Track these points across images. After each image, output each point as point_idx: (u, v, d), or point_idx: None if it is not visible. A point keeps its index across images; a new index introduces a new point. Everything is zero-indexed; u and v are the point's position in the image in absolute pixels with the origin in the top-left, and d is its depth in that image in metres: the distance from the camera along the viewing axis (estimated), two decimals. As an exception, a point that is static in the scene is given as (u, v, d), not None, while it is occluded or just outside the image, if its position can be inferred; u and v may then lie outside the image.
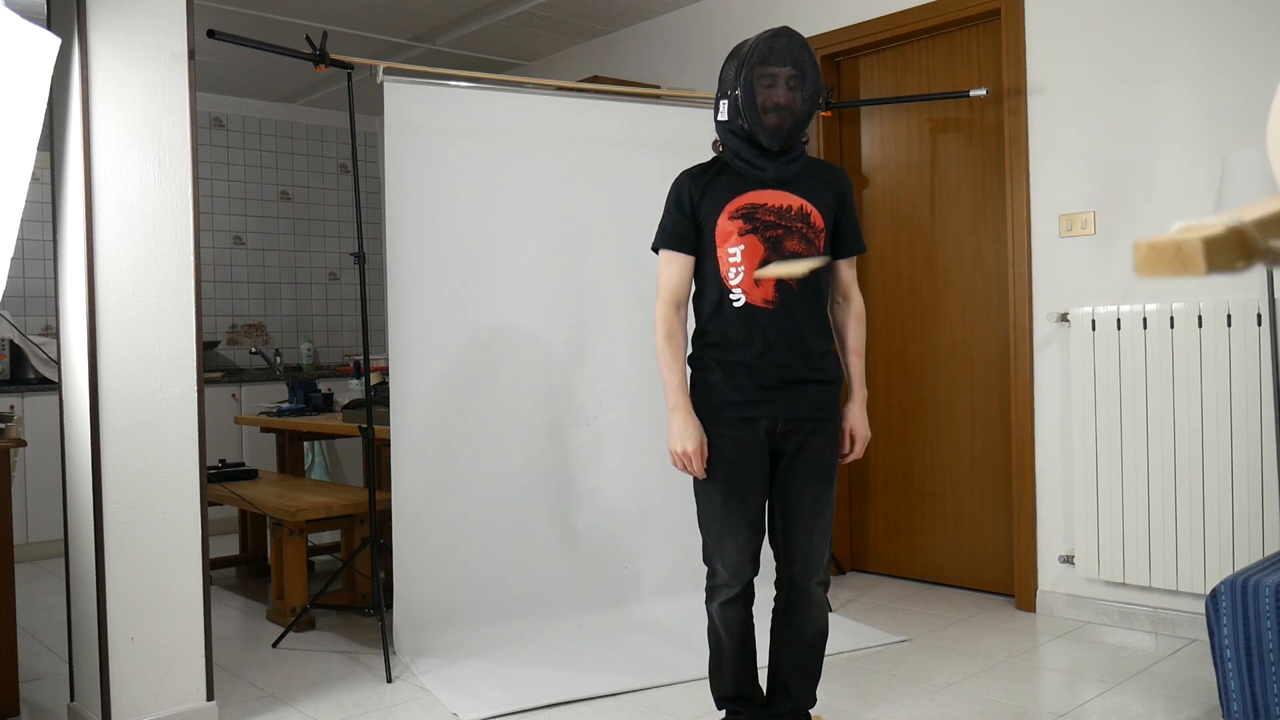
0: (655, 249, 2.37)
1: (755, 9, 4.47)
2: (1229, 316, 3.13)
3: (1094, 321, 3.42)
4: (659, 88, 4.60)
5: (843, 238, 2.39)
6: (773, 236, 2.24)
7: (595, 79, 4.74)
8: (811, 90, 2.23)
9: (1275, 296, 2.98)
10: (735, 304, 2.25)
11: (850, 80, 4.31)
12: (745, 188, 2.27)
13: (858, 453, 2.40)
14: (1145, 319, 3.31)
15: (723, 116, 2.27)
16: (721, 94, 2.27)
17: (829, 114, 4.17)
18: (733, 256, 2.25)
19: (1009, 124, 3.69)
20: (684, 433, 2.25)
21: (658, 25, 4.91)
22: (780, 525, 2.33)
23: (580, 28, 5.10)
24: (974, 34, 3.91)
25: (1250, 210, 0.77)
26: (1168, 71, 3.31)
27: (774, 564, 2.38)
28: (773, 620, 2.40)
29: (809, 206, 2.28)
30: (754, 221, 2.25)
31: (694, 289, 2.37)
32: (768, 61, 2.19)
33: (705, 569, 2.37)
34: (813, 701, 2.43)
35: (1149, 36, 3.35)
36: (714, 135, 2.34)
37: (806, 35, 4.26)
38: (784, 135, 2.22)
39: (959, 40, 3.96)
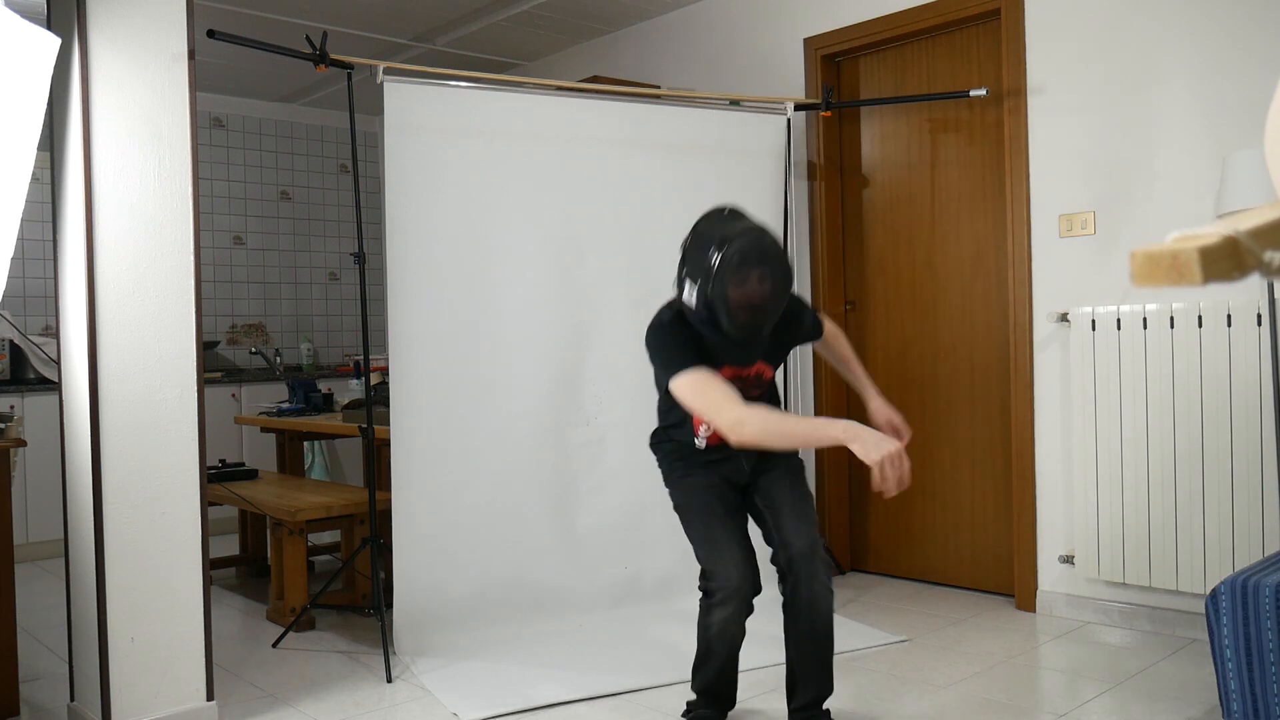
0: (675, 374, 2.29)
1: (755, 9, 4.47)
2: (1229, 316, 3.14)
3: (1094, 321, 3.42)
4: (659, 88, 4.60)
5: (802, 335, 2.59)
6: (739, 391, 2.40)
7: (595, 79, 4.74)
8: (783, 287, 2.25)
9: (1275, 296, 2.98)
10: (697, 440, 2.47)
11: (850, 80, 4.31)
12: (718, 362, 2.37)
13: (904, 433, 2.49)
14: (1145, 319, 3.31)
15: (689, 303, 2.29)
16: (692, 274, 2.26)
17: (829, 114, 4.17)
18: None
19: (1009, 124, 3.69)
20: (871, 437, 2.08)
21: (658, 25, 4.91)
22: (770, 518, 2.45)
23: (580, 28, 5.10)
24: (974, 34, 3.91)
25: (1246, 219, 0.77)
26: (1168, 71, 3.31)
27: (773, 567, 2.45)
28: (784, 614, 2.44)
29: (765, 370, 2.51)
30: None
31: (666, 399, 2.47)
32: (743, 267, 2.18)
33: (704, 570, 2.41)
34: (832, 688, 2.47)
35: (1149, 36, 3.35)
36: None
37: (806, 35, 4.27)
38: (753, 334, 2.28)
39: (959, 40, 3.96)
